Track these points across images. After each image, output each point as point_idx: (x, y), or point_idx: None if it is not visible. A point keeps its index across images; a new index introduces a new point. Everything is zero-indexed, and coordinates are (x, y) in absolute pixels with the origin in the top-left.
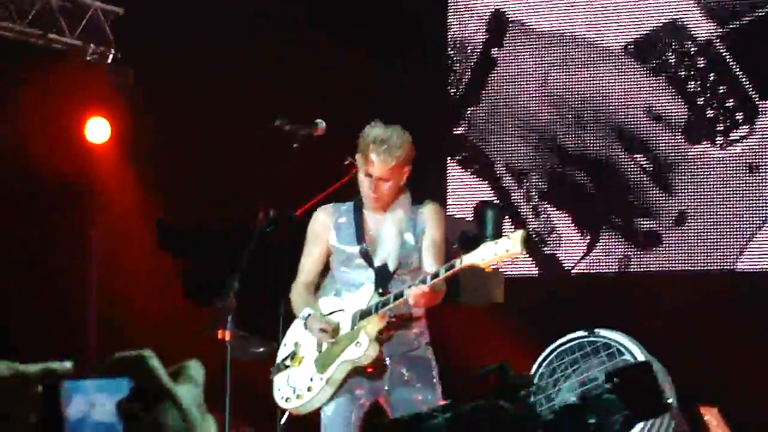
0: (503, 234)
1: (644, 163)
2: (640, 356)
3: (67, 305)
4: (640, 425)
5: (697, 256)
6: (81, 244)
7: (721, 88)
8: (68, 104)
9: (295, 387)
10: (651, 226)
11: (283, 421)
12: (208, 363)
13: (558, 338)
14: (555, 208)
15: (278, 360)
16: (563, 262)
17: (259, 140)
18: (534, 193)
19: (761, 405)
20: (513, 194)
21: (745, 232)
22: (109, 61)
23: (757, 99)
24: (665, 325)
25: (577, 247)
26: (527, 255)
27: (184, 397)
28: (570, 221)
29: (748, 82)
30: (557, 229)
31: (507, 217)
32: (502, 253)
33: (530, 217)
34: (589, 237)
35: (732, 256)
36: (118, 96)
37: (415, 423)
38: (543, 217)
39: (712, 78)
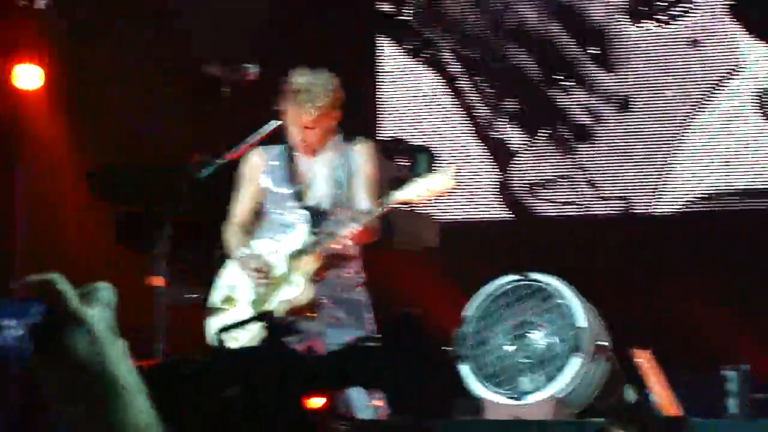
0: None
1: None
2: (573, 300)
3: None
4: (574, 369)
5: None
6: (10, 193)
7: None
8: None
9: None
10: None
11: None
12: (140, 310)
13: (492, 282)
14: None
15: (213, 302)
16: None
17: (192, 85)
18: (473, 79)
19: (693, 348)
20: (459, 82)
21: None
22: (41, 6)
23: None
24: (598, 268)
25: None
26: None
27: (94, 320)
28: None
29: None
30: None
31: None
32: (436, 187)
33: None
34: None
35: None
36: (49, 42)
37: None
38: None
39: None
